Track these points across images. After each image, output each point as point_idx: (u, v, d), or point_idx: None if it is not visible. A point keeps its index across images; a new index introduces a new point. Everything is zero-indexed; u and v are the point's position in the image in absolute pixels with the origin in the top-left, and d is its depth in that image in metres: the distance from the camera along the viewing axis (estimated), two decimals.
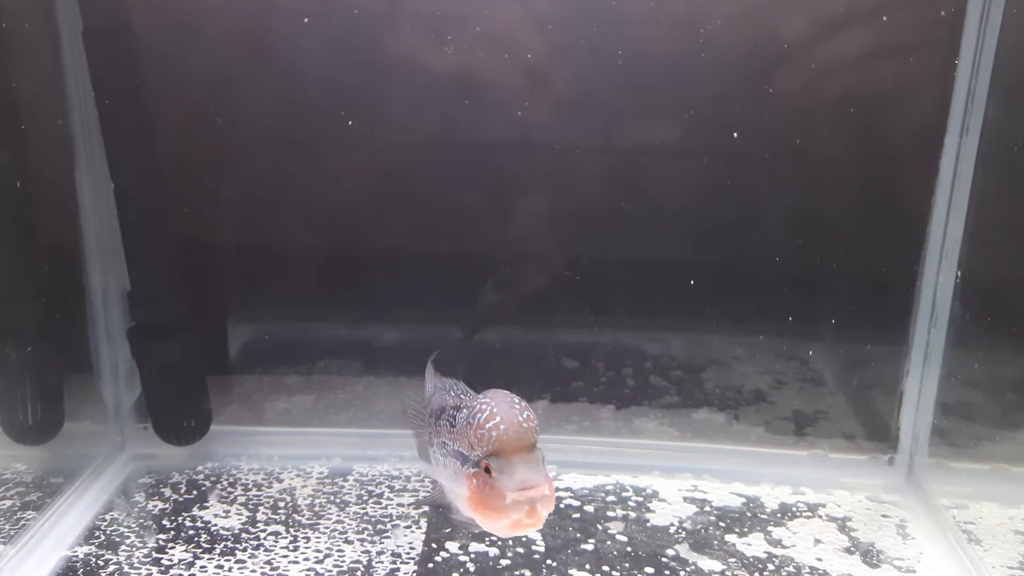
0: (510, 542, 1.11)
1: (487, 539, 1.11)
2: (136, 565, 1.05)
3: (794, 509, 1.21)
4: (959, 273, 1.18)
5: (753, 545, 1.12)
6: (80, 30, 1.13)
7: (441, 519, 1.15)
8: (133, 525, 1.14)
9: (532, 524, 0.79)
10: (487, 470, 0.79)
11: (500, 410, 0.80)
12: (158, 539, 1.11)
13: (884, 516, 1.19)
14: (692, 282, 1.28)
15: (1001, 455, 1.23)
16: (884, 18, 1.16)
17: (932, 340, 1.22)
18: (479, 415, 0.81)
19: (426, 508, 1.18)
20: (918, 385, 1.25)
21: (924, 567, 1.08)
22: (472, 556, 1.08)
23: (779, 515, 1.19)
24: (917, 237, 1.21)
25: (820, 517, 1.19)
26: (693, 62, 1.21)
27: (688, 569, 1.07)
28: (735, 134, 1.22)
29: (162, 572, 1.04)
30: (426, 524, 1.15)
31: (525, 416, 0.80)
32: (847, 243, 1.26)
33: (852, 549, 1.11)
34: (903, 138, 1.22)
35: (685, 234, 1.31)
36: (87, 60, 1.14)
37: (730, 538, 1.13)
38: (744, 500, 1.23)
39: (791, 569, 1.07)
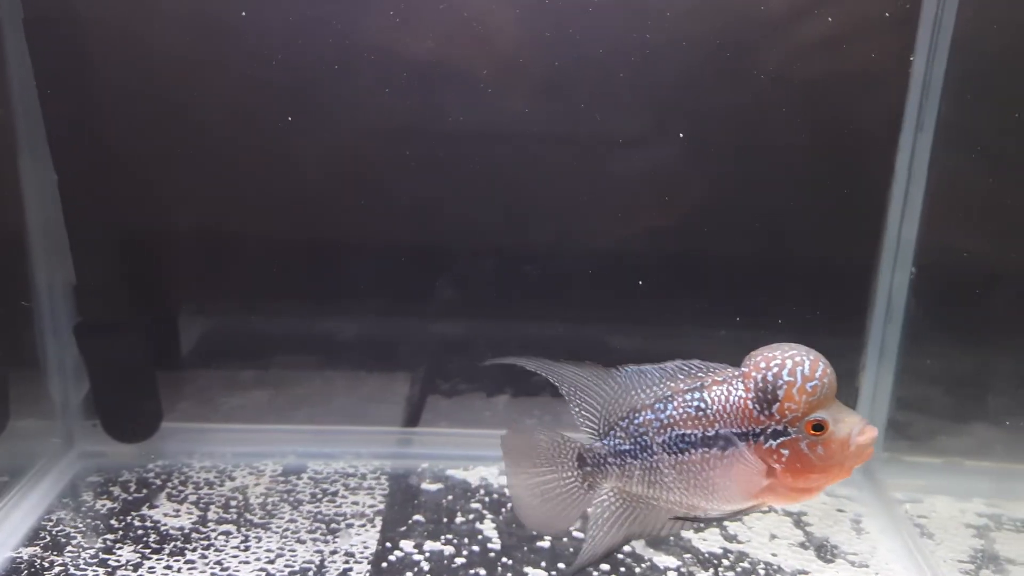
0: (465, 540, 1.10)
1: (442, 537, 1.10)
2: (82, 567, 1.02)
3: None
4: (914, 269, 1.19)
5: (709, 540, 1.12)
6: (21, 18, 1.10)
7: (398, 518, 1.14)
8: (80, 525, 1.11)
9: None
10: (817, 428, 0.71)
11: (804, 358, 0.72)
12: (106, 539, 1.08)
13: (839, 511, 1.20)
14: (645, 278, 1.27)
15: (955, 449, 1.24)
16: (840, 13, 1.16)
17: (888, 335, 1.23)
18: (789, 375, 0.72)
19: (381, 507, 1.17)
20: (874, 380, 1.26)
21: (877, 561, 1.09)
22: (427, 555, 1.07)
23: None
24: (873, 233, 1.21)
25: (776, 512, 1.19)
26: (649, 53, 1.20)
27: (644, 565, 1.06)
28: (688, 129, 1.21)
29: (109, 573, 1.01)
30: (380, 522, 1.13)
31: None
32: (804, 238, 1.26)
33: (807, 544, 1.12)
34: (859, 134, 1.22)
35: (643, 227, 1.30)
36: (28, 50, 1.10)
37: (686, 534, 1.13)
38: None
39: (746, 565, 1.07)
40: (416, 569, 1.04)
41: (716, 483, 0.78)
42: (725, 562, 1.07)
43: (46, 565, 1.02)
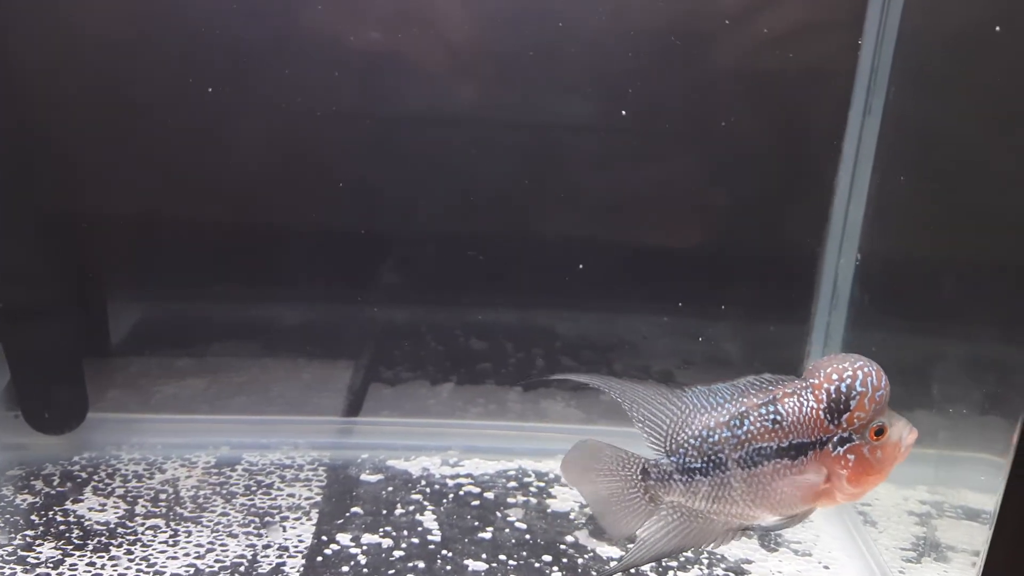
0: (404, 532, 1.07)
1: (380, 530, 1.07)
2: None
3: None
4: (859, 256, 1.18)
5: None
6: None
7: (335, 511, 1.11)
8: None
9: None
10: (879, 432, 0.78)
11: (872, 369, 0.78)
12: (25, 536, 1.03)
13: None
14: (592, 265, 1.25)
15: None
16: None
17: (832, 322, 1.23)
18: (862, 386, 0.77)
19: (318, 499, 1.13)
20: None
21: (820, 550, 1.09)
22: (364, 548, 1.04)
23: None
24: (819, 218, 1.21)
25: None
26: (601, 38, 1.18)
27: (587, 556, 1.04)
28: (638, 114, 1.19)
29: (27, 571, 0.97)
30: (317, 515, 1.10)
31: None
32: (749, 224, 1.25)
33: (750, 533, 1.10)
34: (806, 119, 1.22)
35: (591, 212, 1.28)
36: None
37: None
38: None
39: (689, 554, 1.06)
40: (353, 563, 1.01)
41: (783, 493, 0.81)
42: None
43: None
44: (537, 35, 1.18)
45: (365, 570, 1.00)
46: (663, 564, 1.03)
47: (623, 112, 1.19)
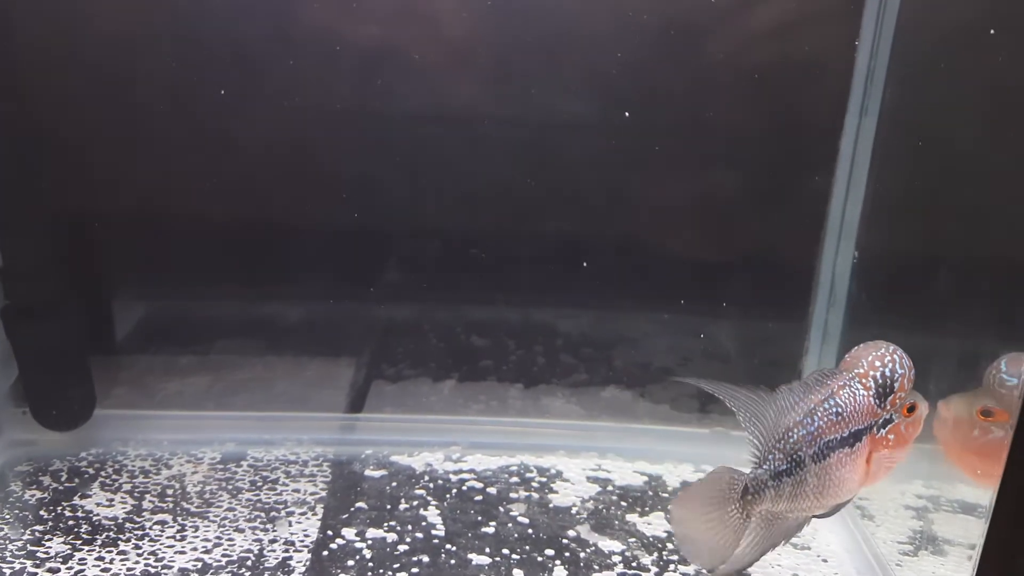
0: (409, 527, 1.08)
1: (385, 524, 1.09)
2: (9, 559, 0.99)
3: None
4: (856, 253, 1.20)
5: (653, 524, 1.12)
6: None
7: (340, 506, 1.12)
8: (7, 516, 1.07)
9: None
10: (911, 409, 0.83)
11: (901, 351, 0.83)
12: (34, 531, 1.04)
13: None
14: (593, 262, 1.27)
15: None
16: None
17: (830, 319, 1.24)
18: (900, 367, 0.82)
19: (323, 494, 1.14)
20: (816, 363, 1.27)
21: (819, 543, 1.10)
22: (369, 542, 1.05)
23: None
24: (817, 216, 1.22)
25: None
26: (597, 37, 1.19)
27: (588, 550, 1.06)
28: (635, 111, 1.20)
29: (37, 566, 0.98)
30: (322, 510, 1.11)
31: None
32: (748, 222, 1.26)
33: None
34: (804, 118, 1.23)
35: (592, 211, 1.29)
36: None
37: (631, 518, 1.13)
38: (647, 479, 1.23)
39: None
40: (358, 557, 1.02)
41: (844, 480, 0.85)
42: (669, 546, 1.07)
43: None
44: (539, 31, 1.18)
45: (371, 564, 1.01)
46: (664, 559, 1.05)
47: (626, 114, 1.20)
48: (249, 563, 1.00)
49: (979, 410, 0.90)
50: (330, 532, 1.07)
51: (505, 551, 1.05)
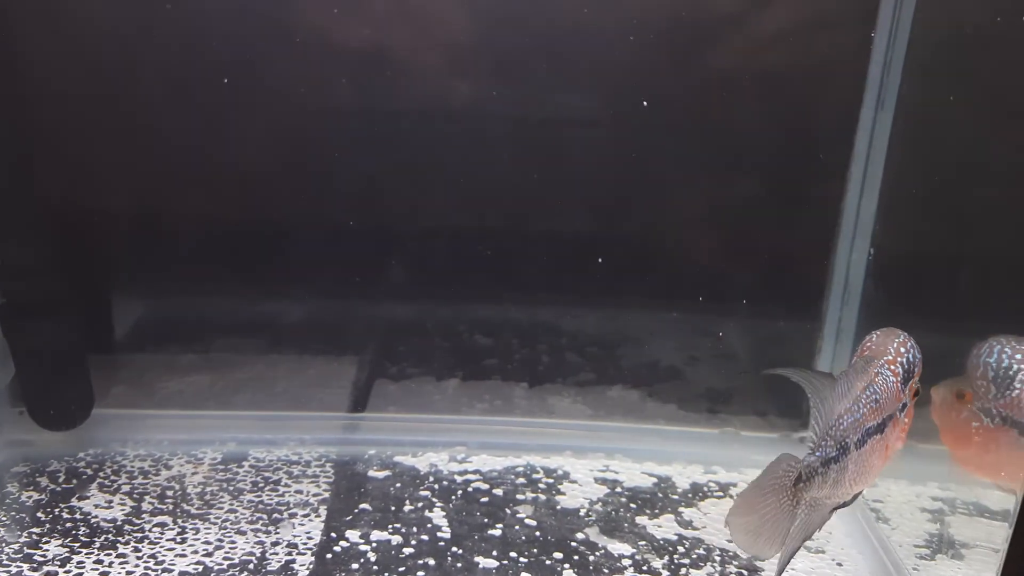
0: (414, 529, 1.06)
1: (390, 526, 1.06)
2: (5, 562, 0.97)
3: (705, 489, 1.19)
4: (871, 250, 1.18)
5: (664, 527, 1.09)
6: None
7: (344, 507, 1.10)
8: (4, 518, 1.05)
9: None
10: (916, 393, 0.86)
11: (911, 338, 0.85)
12: (31, 533, 1.02)
13: None
14: (600, 260, 1.25)
15: (910, 432, 1.23)
16: None
17: (844, 317, 1.22)
18: (918, 353, 0.85)
19: (326, 495, 1.12)
20: (830, 362, 1.25)
21: (834, 547, 1.08)
22: (374, 545, 1.03)
23: (690, 495, 1.17)
24: (832, 213, 1.20)
25: (731, 497, 1.17)
26: (610, 35, 1.17)
27: (598, 553, 1.04)
28: (647, 107, 1.18)
29: (34, 569, 0.96)
30: (325, 512, 1.09)
31: None
32: (762, 219, 1.24)
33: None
34: (819, 112, 1.21)
35: (600, 208, 1.27)
36: None
37: (641, 520, 1.11)
38: (655, 480, 1.20)
39: (701, 551, 1.05)
40: (363, 560, 1.00)
41: (873, 466, 0.85)
42: (680, 549, 1.05)
43: None
44: (545, 31, 1.17)
45: (376, 567, 0.99)
46: (676, 562, 1.03)
47: (644, 103, 1.18)
48: (251, 566, 0.98)
49: (954, 393, 0.92)
50: (334, 534, 1.04)
51: (513, 554, 1.02)
